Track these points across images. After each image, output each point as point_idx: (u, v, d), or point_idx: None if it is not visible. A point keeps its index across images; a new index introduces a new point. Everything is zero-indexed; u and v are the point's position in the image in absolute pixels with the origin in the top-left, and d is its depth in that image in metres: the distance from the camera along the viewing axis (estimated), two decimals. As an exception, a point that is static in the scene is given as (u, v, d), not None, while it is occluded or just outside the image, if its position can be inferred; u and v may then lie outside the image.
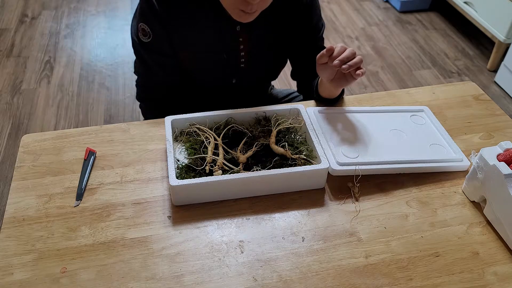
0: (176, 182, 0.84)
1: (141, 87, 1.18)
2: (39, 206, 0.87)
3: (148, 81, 1.15)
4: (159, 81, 1.13)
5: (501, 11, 2.33)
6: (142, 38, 1.06)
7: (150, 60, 1.09)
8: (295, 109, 1.01)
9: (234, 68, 1.13)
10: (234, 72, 1.14)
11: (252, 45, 1.10)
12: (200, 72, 1.14)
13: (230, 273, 0.78)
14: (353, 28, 2.82)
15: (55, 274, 0.77)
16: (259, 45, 1.11)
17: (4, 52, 2.52)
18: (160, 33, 1.04)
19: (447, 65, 2.54)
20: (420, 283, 0.77)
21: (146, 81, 1.16)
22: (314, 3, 1.11)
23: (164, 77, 1.12)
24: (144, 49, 1.08)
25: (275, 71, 1.24)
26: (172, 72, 1.12)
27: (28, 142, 1.00)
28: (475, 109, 1.13)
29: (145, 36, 1.05)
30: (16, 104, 2.18)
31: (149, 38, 1.05)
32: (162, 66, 1.10)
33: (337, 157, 0.91)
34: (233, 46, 1.09)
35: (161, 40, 1.05)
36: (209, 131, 0.95)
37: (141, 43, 1.07)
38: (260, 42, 1.10)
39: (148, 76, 1.14)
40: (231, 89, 1.19)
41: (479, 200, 0.89)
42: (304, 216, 0.87)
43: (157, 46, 1.06)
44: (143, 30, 1.04)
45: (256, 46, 1.10)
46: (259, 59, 1.14)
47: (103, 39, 2.67)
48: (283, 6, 1.06)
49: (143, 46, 1.07)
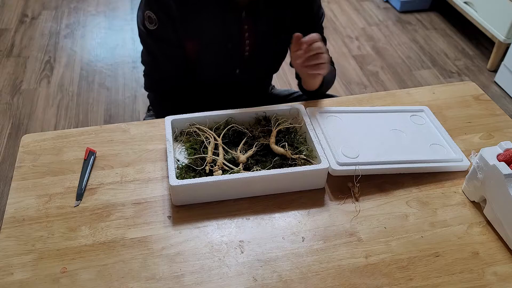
0: (176, 182, 0.84)
1: (148, 76, 1.19)
2: (39, 206, 0.87)
3: (154, 71, 1.17)
4: (165, 71, 1.15)
5: (501, 11, 2.33)
6: (148, 26, 1.07)
7: (156, 49, 1.11)
8: (295, 109, 1.01)
9: (238, 57, 1.14)
10: (238, 62, 1.15)
11: (257, 33, 1.11)
12: (204, 62, 1.15)
13: (230, 273, 0.78)
14: (353, 28, 2.82)
15: (55, 274, 0.77)
16: (263, 33, 1.12)
17: (4, 52, 2.52)
18: (165, 20, 1.05)
19: (447, 65, 2.54)
20: (420, 283, 0.77)
21: (152, 71, 1.17)
22: None
23: (169, 66, 1.13)
24: (151, 38, 1.09)
25: (277, 61, 1.25)
26: (178, 62, 1.13)
27: (28, 142, 1.00)
28: (475, 109, 1.13)
29: (151, 23, 1.06)
30: (16, 104, 2.18)
31: (155, 25, 1.06)
32: (167, 55, 1.11)
33: (337, 157, 0.91)
34: (237, 34, 1.10)
35: (167, 27, 1.06)
36: (209, 131, 0.95)
37: (147, 31, 1.08)
38: (264, 30, 1.12)
39: (154, 65, 1.15)
40: (234, 82, 1.19)
41: (479, 200, 0.89)
42: (304, 216, 0.87)
43: (163, 34, 1.07)
44: (149, 18, 1.05)
45: (260, 34, 1.12)
46: (262, 47, 1.15)
47: (103, 39, 2.67)
48: None
49: (150, 34, 1.08)
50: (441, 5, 2.96)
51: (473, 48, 2.68)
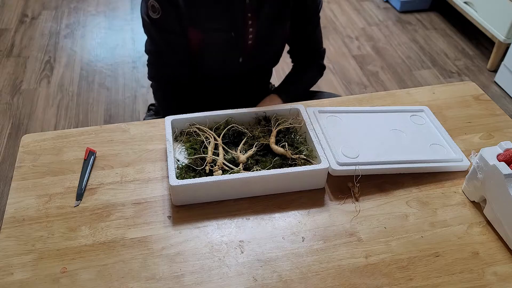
0: (176, 182, 0.84)
1: (152, 65, 1.20)
2: (39, 206, 0.87)
3: (157, 60, 1.17)
4: (168, 60, 1.15)
5: (501, 11, 2.33)
6: (151, 14, 1.07)
7: (160, 38, 1.11)
8: (295, 109, 1.01)
9: (241, 45, 1.15)
10: (242, 50, 1.16)
11: (260, 21, 1.11)
12: (208, 51, 1.15)
13: (230, 273, 0.78)
14: (353, 28, 2.82)
15: (55, 274, 0.77)
16: (266, 21, 1.13)
17: (4, 52, 2.52)
18: (169, 9, 1.05)
19: (447, 65, 2.54)
20: (420, 283, 0.77)
21: (156, 60, 1.18)
22: None
23: (173, 56, 1.14)
24: (154, 27, 1.09)
25: (278, 50, 1.26)
26: (181, 51, 1.14)
27: (28, 142, 1.00)
28: (475, 109, 1.13)
29: (155, 12, 1.06)
30: (16, 104, 2.18)
31: (158, 14, 1.06)
32: (171, 44, 1.12)
33: (337, 157, 0.91)
34: (241, 22, 1.10)
35: (170, 16, 1.06)
36: (209, 131, 0.95)
37: (151, 21, 1.08)
38: (268, 18, 1.12)
39: (157, 55, 1.16)
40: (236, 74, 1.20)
41: (479, 200, 0.89)
42: (304, 216, 0.87)
43: (166, 23, 1.08)
44: (152, 7, 1.06)
45: (264, 22, 1.12)
46: (266, 35, 1.16)
47: (103, 39, 2.67)
48: None
49: (153, 24, 1.09)
50: (441, 5, 2.96)
51: (473, 48, 2.68)
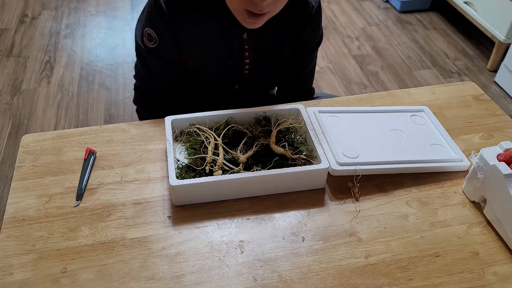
0: (176, 182, 0.84)
1: (142, 92, 1.16)
2: (39, 206, 0.87)
3: (149, 87, 1.14)
4: (161, 87, 1.13)
5: (501, 11, 2.33)
6: (147, 43, 1.04)
7: (154, 66, 1.08)
8: (295, 109, 1.01)
9: (237, 74, 1.13)
10: (238, 79, 1.14)
11: (257, 54, 1.10)
12: (203, 77, 1.13)
13: (230, 273, 0.78)
14: (353, 28, 2.82)
15: (55, 274, 0.77)
16: (264, 54, 1.11)
17: (4, 52, 2.52)
18: (167, 39, 1.02)
19: (447, 65, 2.54)
20: (420, 283, 0.77)
21: (147, 87, 1.14)
22: (320, 15, 1.12)
23: (166, 83, 1.11)
24: (149, 55, 1.06)
25: (275, 79, 1.24)
26: (175, 78, 1.12)
27: (28, 142, 1.00)
28: (475, 109, 1.13)
29: (151, 41, 1.03)
30: (16, 104, 2.18)
31: (154, 43, 1.03)
32: (166, 72, 1.09)
33: (337, 157, 0.91)
34: (238, 53, 1.08)
35: (168, 46, 1.04)
36: (209, 131, 0.95)
37: (146, 48, 1.05)
38: (265, 51, 1.10)
39: (150, 82, 1.13)
40: (233, 94, 1.19)
41: (479, 200, 0.89)
42: (304, 216, 0.87)
43: (162, 52, 1.05)
44: (148, 35, 1.03)
45: (261, 55, 1.10)
46: (262, 67, 1.14)
47: (103, 39, 2.67)
48: (291, 16, 1.06)
49: (148, 52, 1.05)
50: (441, 5, 2.96)
51: (473, 48, 2.68)
